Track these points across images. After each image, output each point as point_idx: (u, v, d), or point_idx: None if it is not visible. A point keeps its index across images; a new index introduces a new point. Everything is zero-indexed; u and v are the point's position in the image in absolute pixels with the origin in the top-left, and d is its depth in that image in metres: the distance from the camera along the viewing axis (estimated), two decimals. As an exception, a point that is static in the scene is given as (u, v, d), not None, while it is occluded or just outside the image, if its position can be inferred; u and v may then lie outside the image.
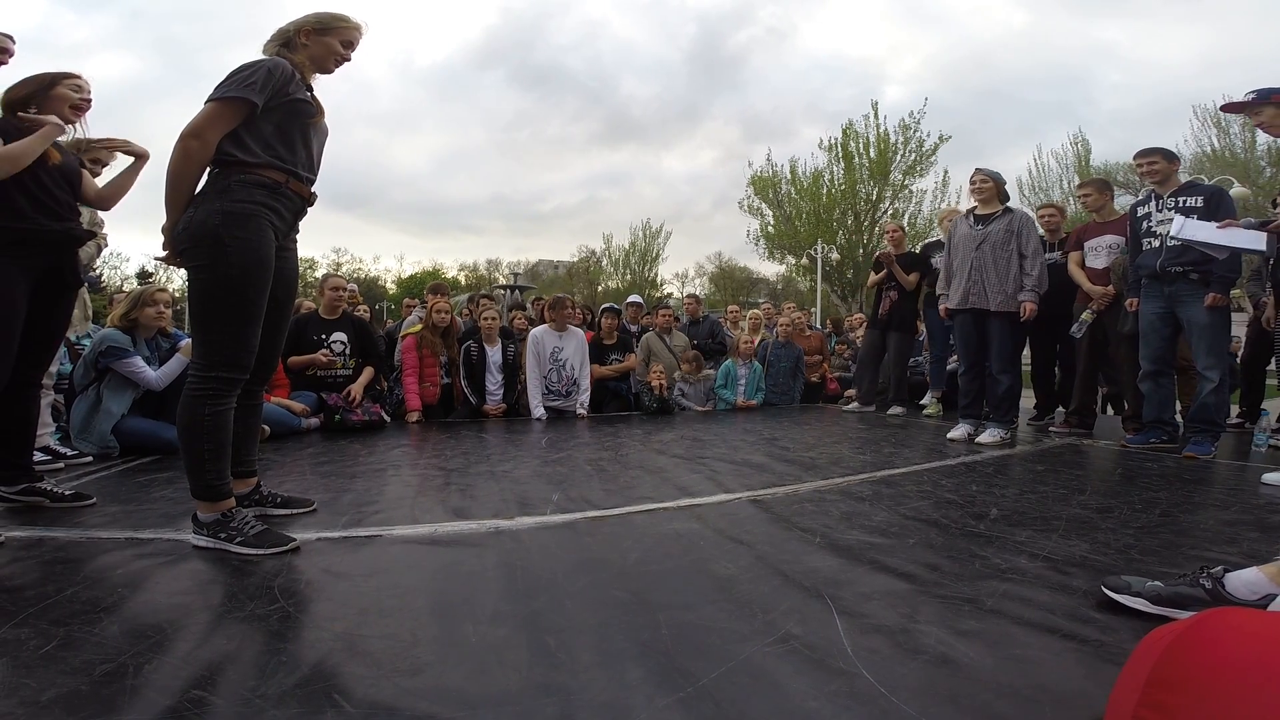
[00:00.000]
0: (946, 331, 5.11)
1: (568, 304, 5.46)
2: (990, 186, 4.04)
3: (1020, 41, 52.84)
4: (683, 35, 70.88)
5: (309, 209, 2.03)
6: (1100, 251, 4.24)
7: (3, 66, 2.23)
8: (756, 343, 6.34)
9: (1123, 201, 4.51)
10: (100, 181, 2.46)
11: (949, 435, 4.03)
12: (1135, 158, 3.74)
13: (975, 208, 4.12)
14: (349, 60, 2.07)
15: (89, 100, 2.26)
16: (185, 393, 1.82)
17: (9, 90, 2.17)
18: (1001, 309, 3.87)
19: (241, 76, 1.79)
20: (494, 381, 5.12)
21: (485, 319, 5.19)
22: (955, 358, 5.14)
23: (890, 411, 5.47)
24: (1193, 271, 3.42)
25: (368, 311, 6.91)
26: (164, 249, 1.88)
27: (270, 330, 1.97)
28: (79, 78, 2.25)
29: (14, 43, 2.25)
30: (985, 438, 3.81)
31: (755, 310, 7.59)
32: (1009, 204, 4.08)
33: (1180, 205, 3.46)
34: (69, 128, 2.24)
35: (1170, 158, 3.62)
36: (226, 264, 1.77)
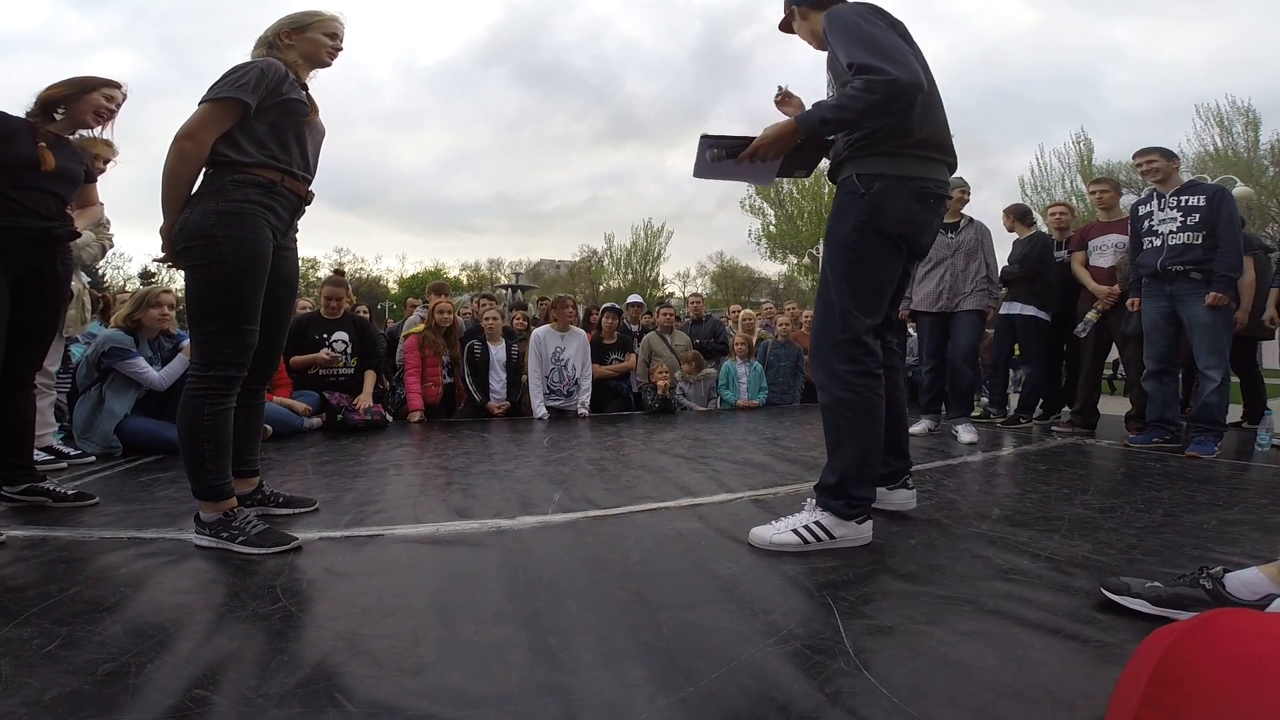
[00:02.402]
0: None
1: (569, 304, 5.46)
2: (966, 199, 4.30)
3: (1030, 41, 52.71)
4: (688, 33, 70.92)
5: (306, 208, 2.03)
6: (1105, 251, 4.24)
7: None
8: (755, 342, 6.34)
9: (1126, 201, 4.49)
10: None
11: (911, 429, 4.12)
12: (1134, 157, 3.74)
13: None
14: (341, 49, 2.07)
15: (113, 110, 2.29)
16: (185, 393, 1.82)
17: (47, 88, 2.20)
18: (972, 308, 4.08)
19: (234, 78, 1.80)
20: (498, 380, 5.13)
21: (488, 318, 5.22)
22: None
23: None
24: (1194, 270, 3.41)
25: (366, 311, 6.92)
26: (162, 250, 1.89)
27: (271, 329, 1.97)
28: (116, 87, 2.29)
29: None
30: (965, 435, 3.89)
31: (748, 310, 7.58)
32: (967, 213, 4.29)
33: (1182, 204, 3.45)
34: (87, 131, 2.31)
35: (1169, 156, 3.60)
36: (221, 263, 1.77)
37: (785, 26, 2.19)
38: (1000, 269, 4.37)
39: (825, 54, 1.96)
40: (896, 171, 1.80)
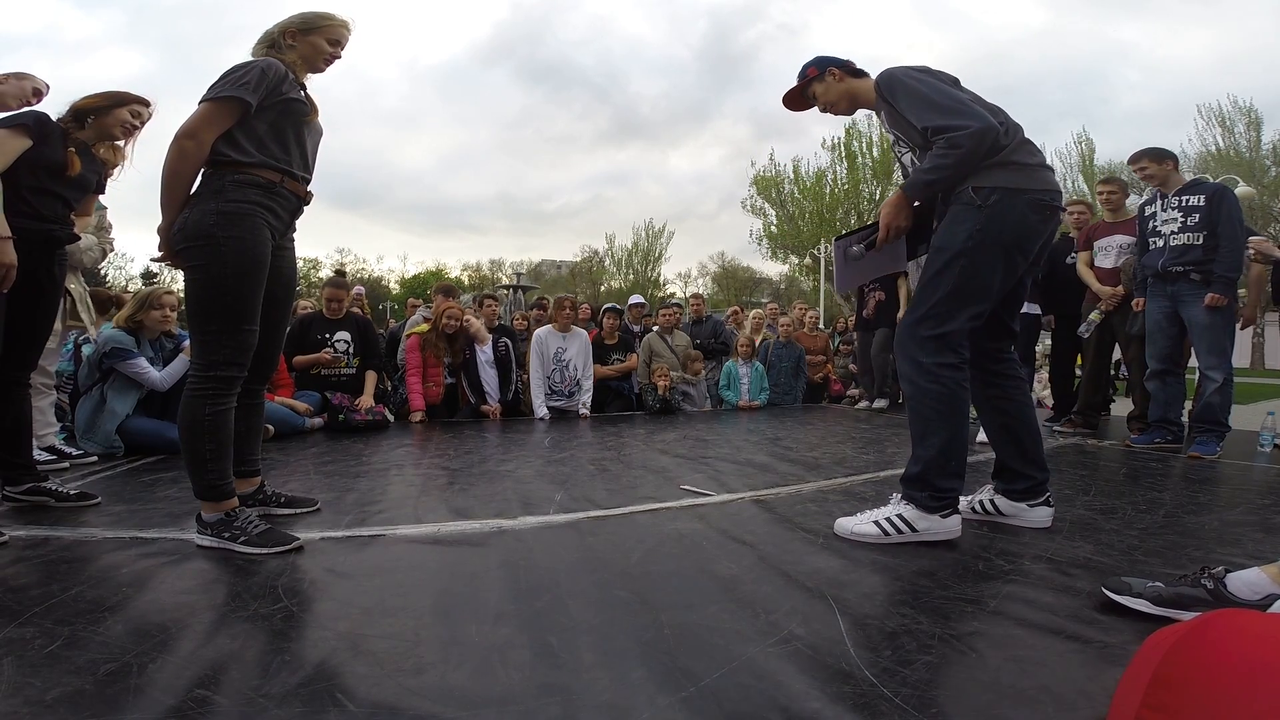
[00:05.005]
0: None
1: (565, 305, 5.45)
2: None
3: (1039, 41, 52.77)
4: (693, 32, 71.12)
5: (305, 208, 2.04)
6: (1110, 251, 4.23)
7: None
8: (759, 342, 6.35)
9: (1132, 201, 4.45)
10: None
11: None
12: (1129, 162, 3.75)
13: None
14: (339, 58, 2.06)
15: (137, 126, 2.37)
16: (185, 393, 1.83)
17: (82, 98, 2.29)
18: None
19: (235, 77, 1.80)
20: (490, 380, 5.10)
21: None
22: None
23: (874, 405, 5.75)
24: (1193, 271, 3.41)
25: (366, 311, 6.91)
26: (160, 249, 1.89)
27: (270, 329, 1.97)
28: (145, 105, 2.37)
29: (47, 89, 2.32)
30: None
31: (758, 310, 7.60)
32: None
33: (1183, 204, 3.45)
34: (117, 144, 2.41)
35: (1159, 158, 3.57)
36: (221, 263, 1.78)
37: (795, 100, 2.24)
38: None
39: (868, 112, 2.14)
40: (1013, 185, 1.85)
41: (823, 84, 2.17)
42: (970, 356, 2.04)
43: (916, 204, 2.01)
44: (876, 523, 1.87)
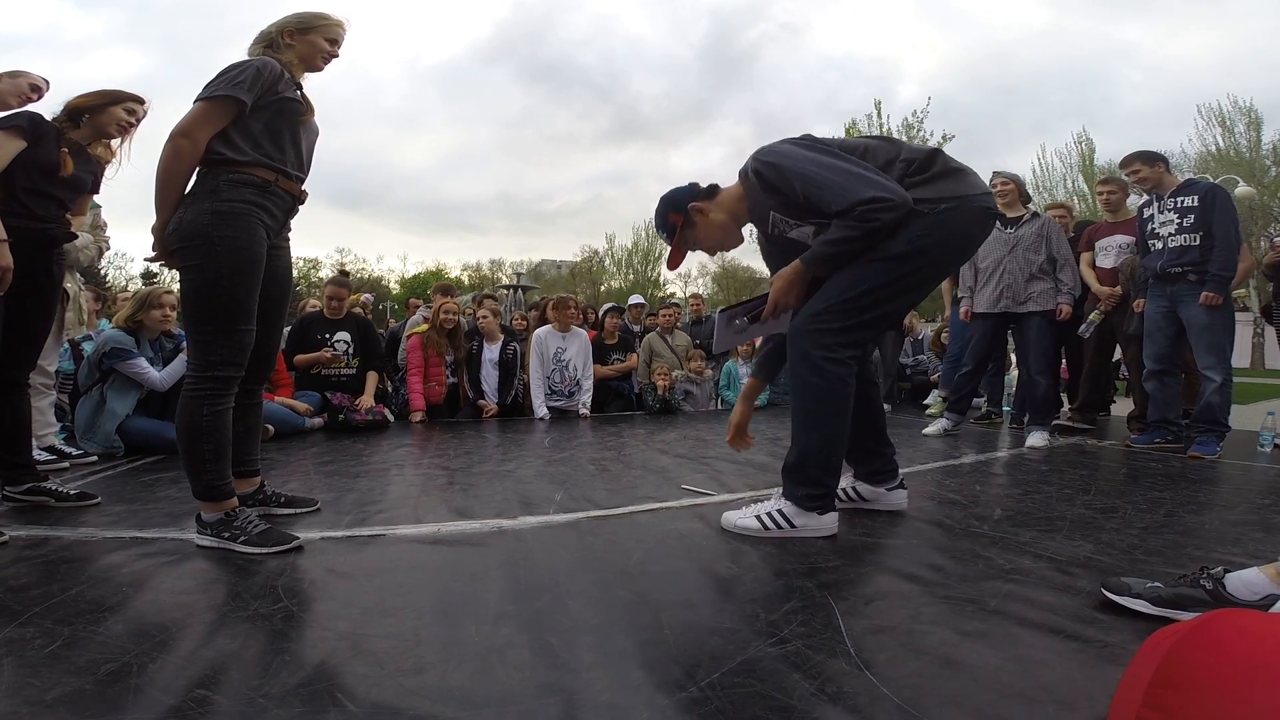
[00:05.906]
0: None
1: (570, 304, 5.46)
2: (1011, 189, 4.08)
3: (1041, 41, 52.84)
4: (694, 31, 71.15)
5: (300, 207, 2.04)
6: (1110, 251, 4.24)
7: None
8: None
9: (1132, 201, 4.49)
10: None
11: (924, 430, 4.11)
12: (1121, 166, 3.75)
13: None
14: (337, 56, 2.07)
15: (133, 124, 2.37)
16: (183, 394, 1.82)
17: (76, 97, 2.30)
18: (1038, 309, 3.88)
19: (230, 76, 1.80)
20: (490, 379, 5.10)
21: (481, 317, 5.23)
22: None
23: None
24: (1190, 272, 3.42)
25: (367, 310, 6.91)
26: (154, 249, 1.89)
27: (266, 328, 1.97)
28: (140, 102, 2.37)
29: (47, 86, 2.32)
30: (1034, 440, 3.72)
31: None
32: (1032, 206, 4.11)
33: (1178, 205, 3.45)
34: (112, 143, 2.42)
35: (1149, 160, 3.58)
36: (216, 263, 1.77)
37: (677, 259, 2.08)
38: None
39: (752, 211, 1.98)
40: (961, 192, 1.76)
41: (694, 226, 2.00)
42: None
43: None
44: (758, 517, 1.90)
